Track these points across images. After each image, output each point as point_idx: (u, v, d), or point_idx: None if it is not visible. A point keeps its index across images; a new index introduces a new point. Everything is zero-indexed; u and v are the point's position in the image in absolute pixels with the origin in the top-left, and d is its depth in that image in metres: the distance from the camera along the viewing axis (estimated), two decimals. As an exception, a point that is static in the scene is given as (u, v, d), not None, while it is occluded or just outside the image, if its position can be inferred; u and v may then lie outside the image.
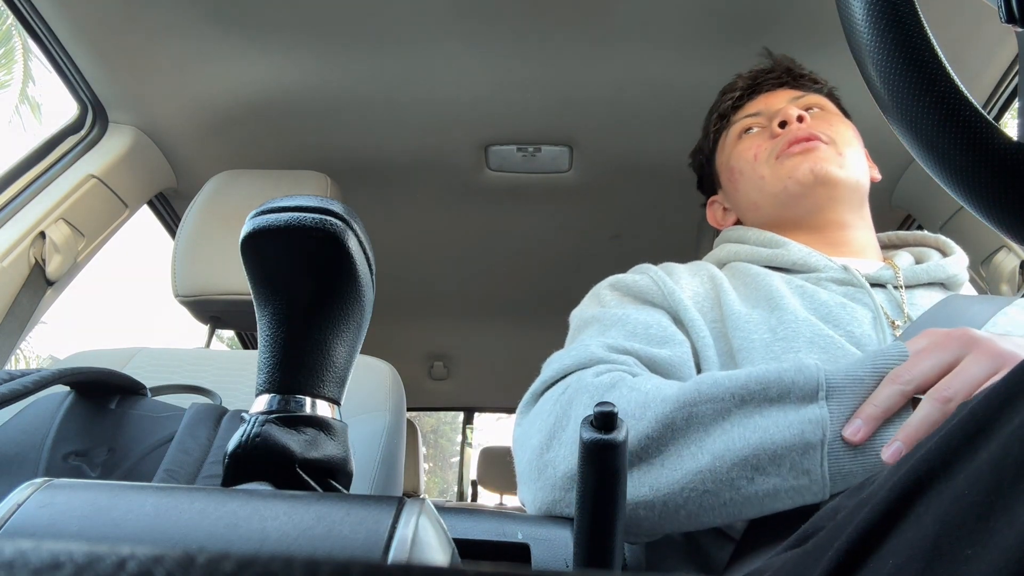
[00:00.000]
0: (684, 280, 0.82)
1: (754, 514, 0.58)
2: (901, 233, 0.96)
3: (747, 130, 0.95)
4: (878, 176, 0.93)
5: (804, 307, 0.75)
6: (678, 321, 0.77)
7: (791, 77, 0.98)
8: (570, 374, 0.69)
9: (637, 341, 0.73)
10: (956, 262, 0.85)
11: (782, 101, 0.93)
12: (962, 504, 0.24)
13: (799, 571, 0.35)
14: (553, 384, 0.70)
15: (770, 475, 0.56)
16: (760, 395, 0.58)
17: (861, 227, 0.88)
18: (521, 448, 0.69)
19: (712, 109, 1.02)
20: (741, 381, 0.59)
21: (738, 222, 0.99)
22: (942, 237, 0.91)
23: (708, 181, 1.05)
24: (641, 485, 0.59)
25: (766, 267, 0.85)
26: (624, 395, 0.63)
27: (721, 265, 0.91)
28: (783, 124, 0.89)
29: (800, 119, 0.88)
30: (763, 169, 0.90)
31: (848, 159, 0.87)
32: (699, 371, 0.74)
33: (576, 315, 0.83)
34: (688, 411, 0.60)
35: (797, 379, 0.58)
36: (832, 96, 0.99)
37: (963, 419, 0.27)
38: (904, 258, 0.87)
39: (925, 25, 0.37)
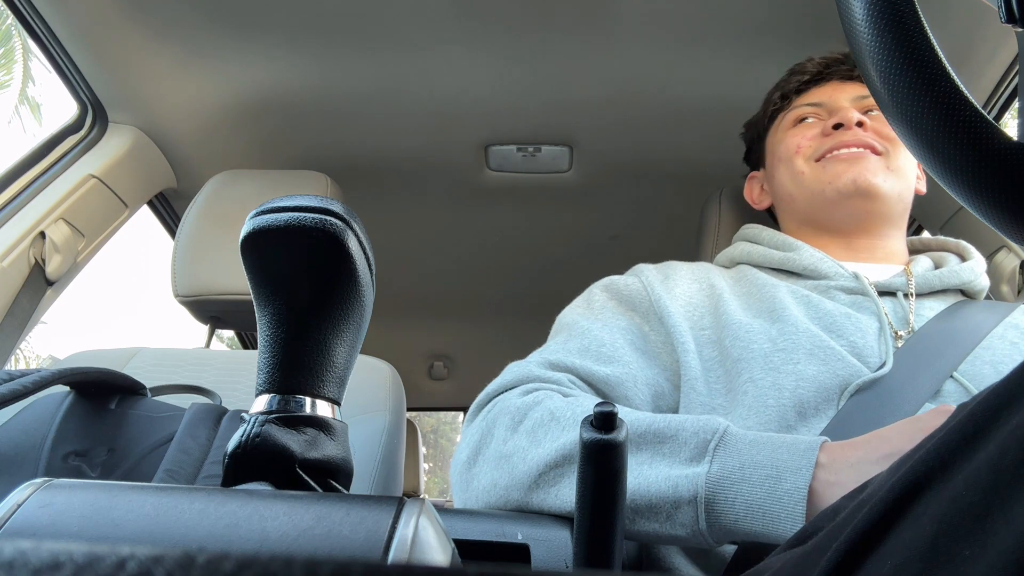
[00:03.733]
0: (681, 284, 0.82)
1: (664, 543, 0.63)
2: (925, 238, 0.95)
3: (803, 119, 0.92)
4: (923, 189, 0.91)
5: (807, 317, 0.75)
6: (662, 326, 0.78)
7: None
8: (504, 391, 0.73)
9: (587, 358, 0.75)
10: (971, 267, 0.84)
11: (846, 98, 0.90)
12: (960, 505, 0.24)
13: (798, 571, 0.35)
14: (489, 400, 0.73)
15: (649, 520, 0.59)
16: (654, 445, 0.60)
17: (893, 237, 0.87)
18: (455, 458, 0.73)
19: (777, 86, 0.99)
20: (641, 428, 0.61)
21: (771, 207, 0.98)
22: (963, 243, 0.90)
23: (755, 155, 1.03)
24: (541, 510, 0.63)
25: (776, 270, 0.85)
26: (540, 418, 0.66)
27: (733, 264, 0.91)
28: (838, 126, 0.86)
29: (860, 124, 0.85)
30: (803, 165, 0.88)
31: (898, 172, 0.85)
32: (680, 380, 0.75)
33: (562, 315, 0.84)
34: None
35: (692, 439, 0.59)
36: None
37: (961, 421, 0.27)
38: (922, 263, 0.86)
39: (925, 25, 0.37)
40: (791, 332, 0.73)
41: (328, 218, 0.37)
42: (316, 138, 1.50)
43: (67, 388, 0.84)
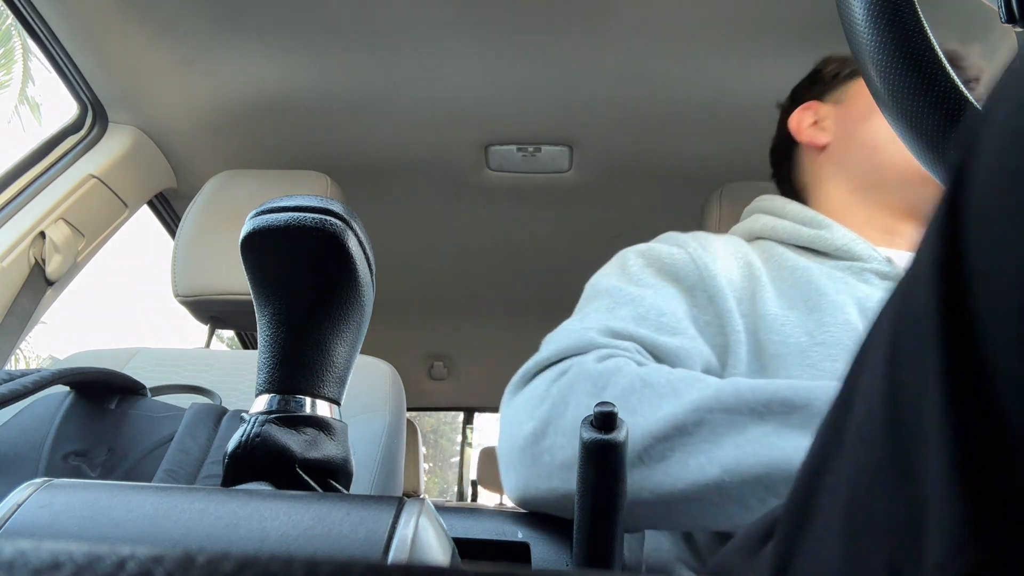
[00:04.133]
0: (721, 261, 0.75)
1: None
2: None
3: None
4: None
5: (845, 303, 0.70)
6: (711, 307, 0.71)
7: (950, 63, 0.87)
8: (566, 358, 0.65)
9: (646, 327, 0.67)
10: None
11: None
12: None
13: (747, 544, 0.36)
14: (548, 367, 0.65)
15: (766, 500, 0.52)
16: (782, 416, 0.54)
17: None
18: (511, 433, 0.64)
19: None
20: (765, 397, 0.55)
21: (822, 149, 0.89)
22: None
23: (822, 88, 0.94)
24: (642, 490, 0.55)
25: (804, 248, 0.79)
26: (629, 384, 0.59)
27: (752, 239, 0.83)
28: None
29: None
30: (897, 156, 0.79)
31: None
32: (723, 367, 0.69)
33: (593, 281, 0.76)
34: (701, 416, 0.55)
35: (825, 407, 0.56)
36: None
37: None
38: None
39: (925, 25, 0.37)
40: (830, 324, 0.68)
41: (328, 218, 0.37)
42: (316, 138, 1.50)
43: (67, 388, 0.84)
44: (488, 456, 3.38)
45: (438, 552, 0.29)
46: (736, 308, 0.71)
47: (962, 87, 0.37)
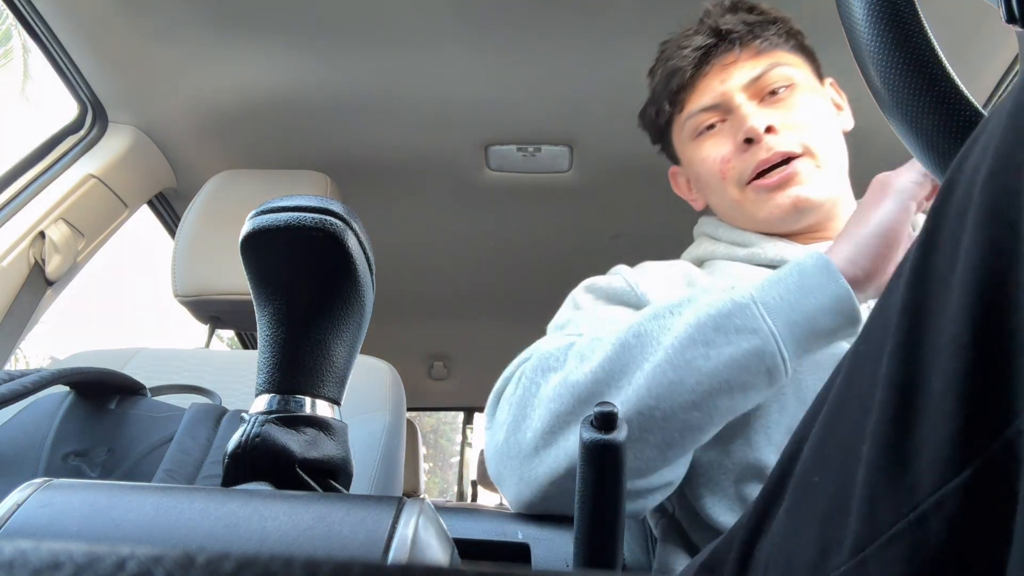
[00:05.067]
0: (660, 280, 0.79)
1: (734, 404, 0.61)
2: None
3: (707, 126, 0.83)
4: (850, 124, 0.86)
5: None
6: None
7: (745, 34, 0.82)
8: (519, 365, 0.70)
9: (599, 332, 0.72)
10: None
11: (736, 89, 0.80)
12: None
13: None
14: (507, 382, 0.70)
15: (720, 345, 0.60)
16: (700, 298, 0.63)
17: (844, 210, 0.82)
18: (493, 435, 0.68)
19: (658, 91, 0.88)
20: (676, 300, 0.64)
21: (706, 208, 0.92)
22: None
23: (666, 151, 0.95)
24: (690, 368, 0.61)
25: (746, 263, 0.82)
26: (580, 344, 0.65)
27: (700, 263, 0.87)
28: (748, 139, 0.78)
29: (769, 130, 0.77)
30: (735, 192, 0.81)
31: (827, 166, 0.79)
32: None
33: (552, 323, 0.80)
34: (636, 329, 0.63)
35: (734, 293, 0.62)
36: (795, 40, 0.86)
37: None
38: None
39: (925, 25, 0.37)
40: None
41: (328, 218, 0.37)
42: (316, 138, 1.50)
43: (67, 388, 0.84)
44: (488, 456, 3.37)
45: (438, 552, 0.29)
46: None
47: (962, 88, 0.37)
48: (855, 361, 0.27)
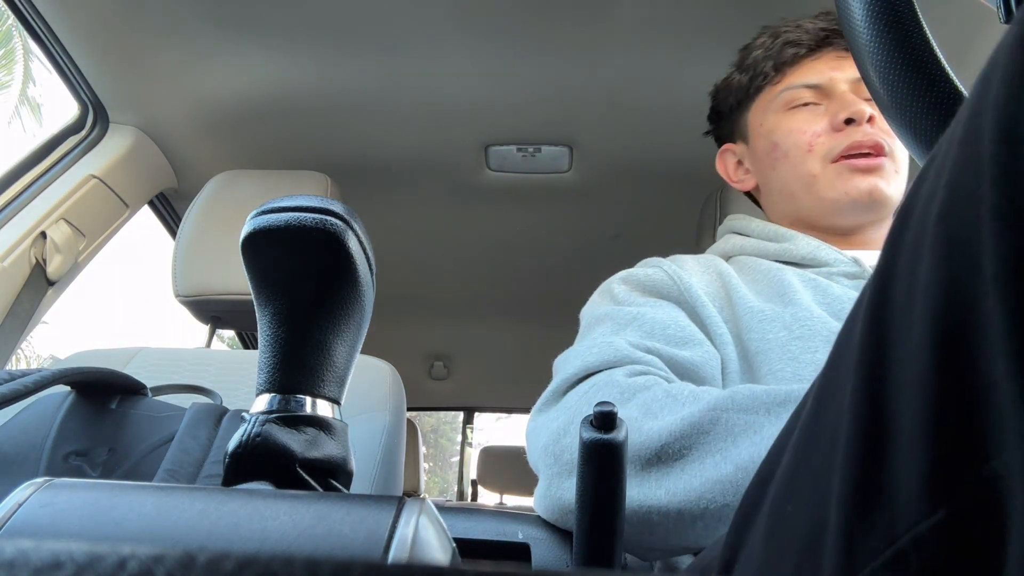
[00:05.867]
0: (696, 275, 0.78)
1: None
2: None
3: (801, 103, 0.84)
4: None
5: (816, 302, 0.73)
6: (695, 317, 0.73)
7: None
8: (596, 372, 0.66)
9: (655, 340, 0.69)
10: None
11: (845, 80, 0.83)
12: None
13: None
14: (577, 382, 0.66)
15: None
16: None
17: (885, 223, 0.83)
18: (535, 438, 0.66)
19: (766, 53, 0.89)
20: (780, 397, 0.56)
21: (754, 189, 0.92)
22: None
23: (727, 127, 0.96)
24: (657, 487, 0.56)
25: (774, 261, 0.81)
26: (653, 396, 0.60)
27: (727, 258, 0.86)
28: (849, 120, 0.80)
29: (870, 120, 0.79)
30: (816, 166, 0.81)
31: (901, 174, 0.81)
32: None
33: (587, 312, 0.79)
34: (717, 415, 0.56)
35: None
36: None
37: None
38: None
39: (924, 25, 0.37)
40: (806, 318, 0.70)
41: (328, 218, 0.37)
42: (316, 138, 1.50)
43: (68, 388, 0.84)
44: (488, 456, 3.38)
45: (438, 552, 0.29)
46: (718, 314, 0.73)
47: (962, 88, 0.37)
48: (823, 389, 0.27)
